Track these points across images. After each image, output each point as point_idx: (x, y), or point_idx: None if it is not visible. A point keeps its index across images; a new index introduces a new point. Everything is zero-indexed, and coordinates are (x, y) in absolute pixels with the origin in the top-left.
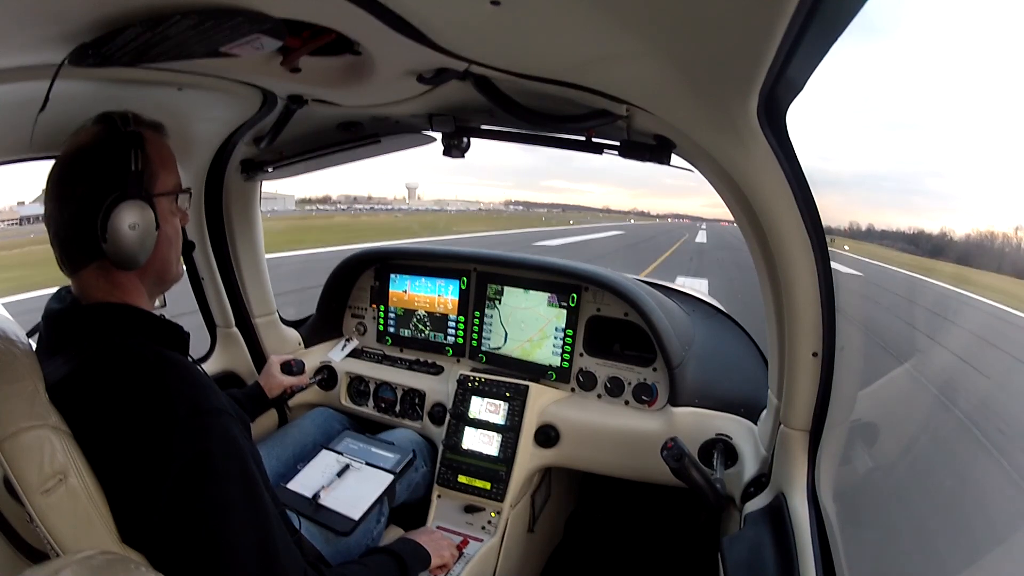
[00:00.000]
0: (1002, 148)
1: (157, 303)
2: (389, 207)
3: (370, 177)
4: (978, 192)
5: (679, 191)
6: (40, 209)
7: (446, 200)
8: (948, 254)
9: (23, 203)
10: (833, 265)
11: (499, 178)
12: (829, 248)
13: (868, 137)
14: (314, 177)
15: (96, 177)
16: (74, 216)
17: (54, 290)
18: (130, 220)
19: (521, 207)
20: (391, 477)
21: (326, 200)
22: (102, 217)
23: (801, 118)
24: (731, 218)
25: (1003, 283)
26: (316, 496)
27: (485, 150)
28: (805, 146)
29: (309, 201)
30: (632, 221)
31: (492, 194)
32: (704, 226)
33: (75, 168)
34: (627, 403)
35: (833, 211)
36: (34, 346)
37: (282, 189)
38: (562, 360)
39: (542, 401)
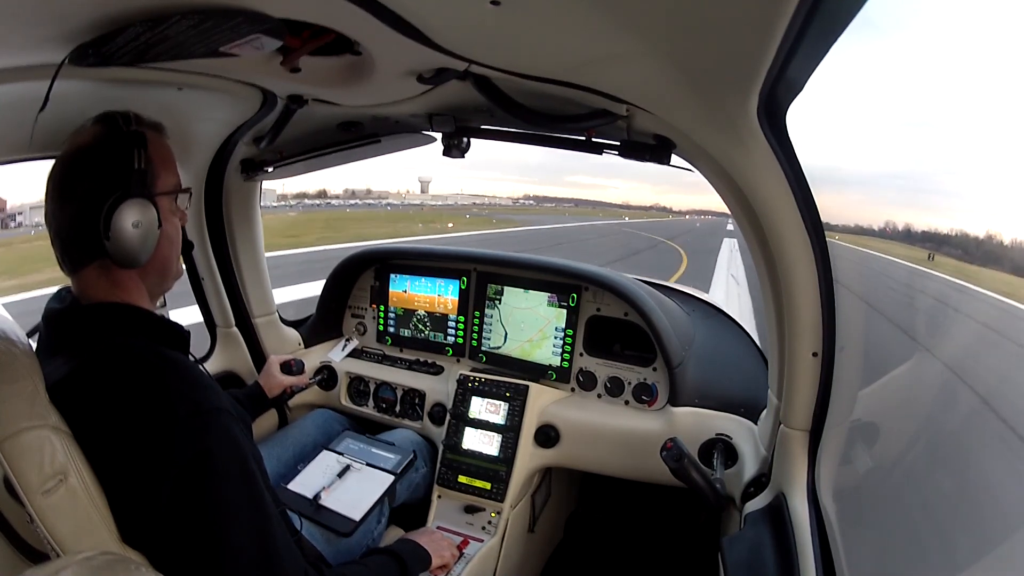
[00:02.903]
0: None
1: (157, 304)
2: (375, 202)
3: (385, 170)
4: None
5: (703, 187)
6: None
7: (444, 195)
8: None
9: None
10: None
11: (525, 173)
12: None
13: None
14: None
15: (98, 176)
16: (76, 215)
17: None
18: (133, 218)
19: (532, 202)
20: (392, 478)
21: (322, 195)
22: (105, 215)
23: (801, 118)
24: None
25: None
26: (317, 497)
27: (509, 145)
28: (814, 145)
29: (306, 196)
30: (627, 219)
31: (514, 189)
32: (732, 226)
33: (77, 167)
34: (627, 403)
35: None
36: (34, 346)
37: (267, 184)
38: (562, 360)
39: (542, 401)
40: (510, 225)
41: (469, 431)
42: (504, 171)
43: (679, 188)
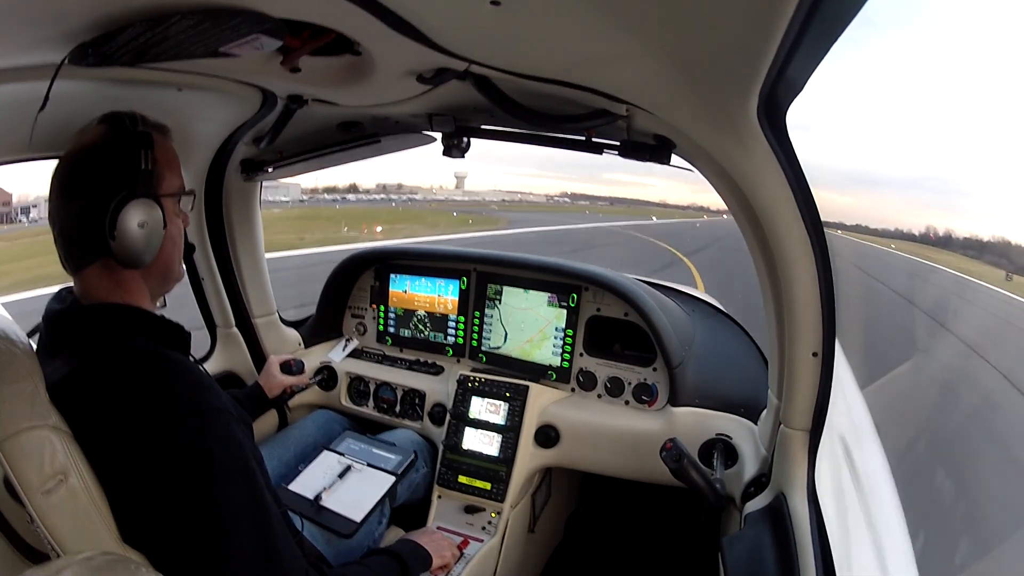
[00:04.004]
0: None
1: (158, 304)
2: (395, 198)
3: (421, 165)
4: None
5: None
6: None
7: (477, 191)
8: None
9: None
10: None
11: (563, 170)
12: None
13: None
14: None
15: (105, 175)
16: (81, 213)
17: None
18: (139, 218)
19: (567, 199)
20: (393, 478)
21: (353, 188)
22: (111, 215)
23: (801, 118)
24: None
25: None
26: (318, 498)
27: None
28: (847, 150)
29: (336, 189)
30: (654, 219)
31: (551, 186)
32: None
33: (83, 166)
34: (627, 403)
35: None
36: (34, 346)
37: (294, 178)
38: (562, 360)
39: (542, 401)
40: (490, 226)
41: (469, 431)
42: (543, 168)
43: None
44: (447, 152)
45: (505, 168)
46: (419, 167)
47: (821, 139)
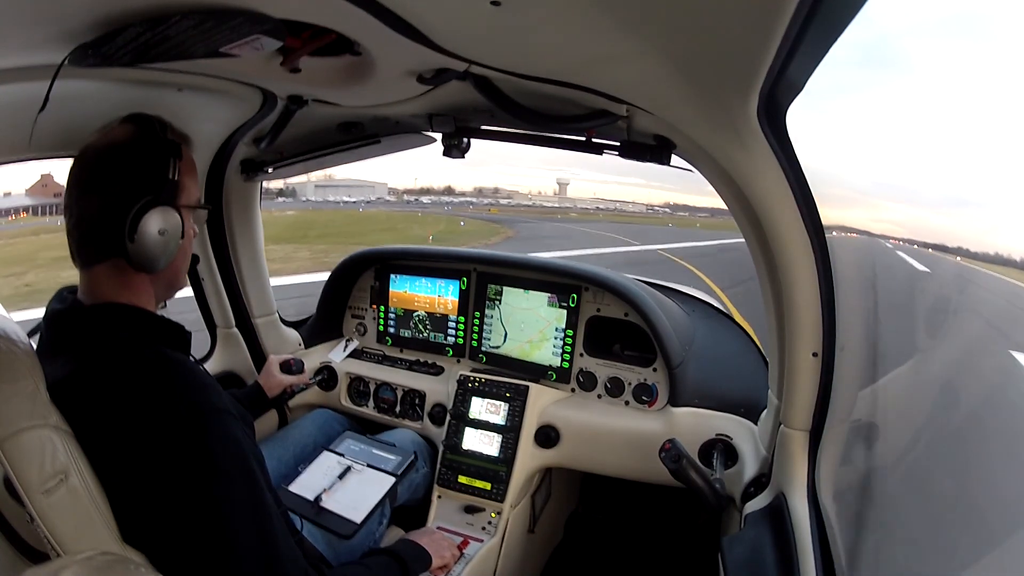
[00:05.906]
0: None
1: (158, 306)
2: (476, 200)
3: (526, 170)
4: None
5: (851, 201)
6: None
7: (574, 199)
8: None
9: None
10: None
11: (667, 181)
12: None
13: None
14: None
15: (131, 176)
16: (100, 211)
17: None
18: (161, 225)
19: (668, 210)
20: (393, 479)
21: (449, 191)
22: (133, 217)
23: (802, 118)
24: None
25: None
26: (318, 499)
27: None
28: (806, 146)
29: (430, 191)
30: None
31: (654, 196)
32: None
33: (108, 163)
34: (627, 403)
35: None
36: (35, 346)
37: (375, 176)
38: (562, 360)
39: (542, 401)
40: (478, 243)
41: (469, 431)
42: (648, 179)
43: (822, 199)
44: (447, 152)
45: (612, 177)
46: (523, 172)
47: (915, 155)
